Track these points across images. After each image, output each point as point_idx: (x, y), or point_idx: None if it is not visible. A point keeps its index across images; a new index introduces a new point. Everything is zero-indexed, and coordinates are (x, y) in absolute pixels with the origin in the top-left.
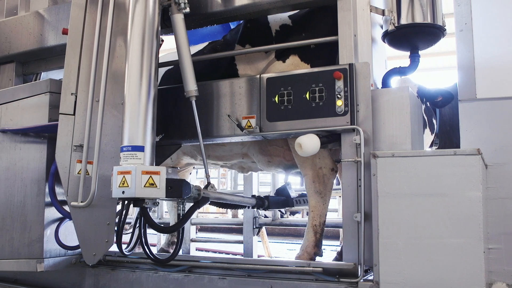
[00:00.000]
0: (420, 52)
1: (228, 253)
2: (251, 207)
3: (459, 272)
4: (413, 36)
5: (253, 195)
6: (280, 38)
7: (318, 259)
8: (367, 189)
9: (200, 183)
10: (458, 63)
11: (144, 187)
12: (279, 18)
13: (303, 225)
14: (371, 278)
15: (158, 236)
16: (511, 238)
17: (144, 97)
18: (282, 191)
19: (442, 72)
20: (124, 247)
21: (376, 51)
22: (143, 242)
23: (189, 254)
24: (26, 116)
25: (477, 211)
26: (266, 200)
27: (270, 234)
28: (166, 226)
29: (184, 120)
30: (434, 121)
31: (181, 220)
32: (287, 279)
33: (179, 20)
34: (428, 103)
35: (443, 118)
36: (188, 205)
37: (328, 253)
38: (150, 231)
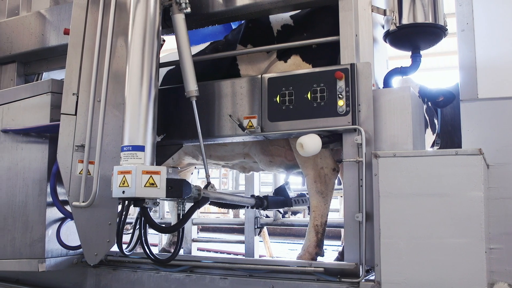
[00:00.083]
0: (422, 52)
1: (229, 253)
2: (250, 207)
3: (460, 272)
4: (414, 36)
5: (252, 195)
6: (282, 38)
7: (319, 259)
8: (368, 189)
9: (201, 183)
10: (459, 63)
11: (145, 187)
12: (280, 18)
13: (304, 225)
14: (373, 278)
15: (159, 236)
16: None
17: (144, 97)
18: (281, 191)
19: (444, 72)
20: (125, 247)
21: (378, 51)
22: (143, 242)
23: (190, 254)
24: (27, 116)
25: (478, 211)
26: (265, 200)
27: (271, 234)
28: (167, 226)
29: (185, 120)
30: (436, 121)
31: (181, 220)
32: (288, 279)
33: (180, 20)
34: (429, 103)
35: (445, 118)
36: (188, 205)
37: (329, 253)
38: (152, 231)
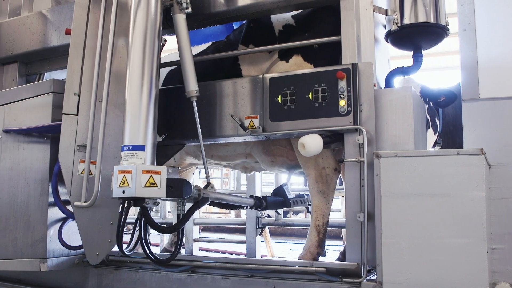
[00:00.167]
0: (423, 52)
1: (231, 253)
2: (249, 208)
3: (462, 272)
4: (416, 36)
5: (251, 196)
6: (283, 38)
7: (321, 259)
8: (370, 189)
9: (202, 183)
10: (461, 63)
11: (145, 186)
12: (282, 18)
13: (306, 225)
14: (374, 278)
15: (161, 236)
16: None
17: (145, 96)
18: (279, 192)
19: (445, 72)
20: (126, 247)
21: (379, 51)
22: (143, 242)
23: (192, 254)
24: (29, 116)
25: (480, 211)
26: (264, 201)
27: (273, 234)
28: (167, 226)
29: (186, 120)
30: (437, 121)
31: (181, 220)
32: (290, 279)
33: (181, 20)
34: (431, 103)
35: (446, 118)
36: (189, 205)
37: (331, 253)
38: (153, 231)
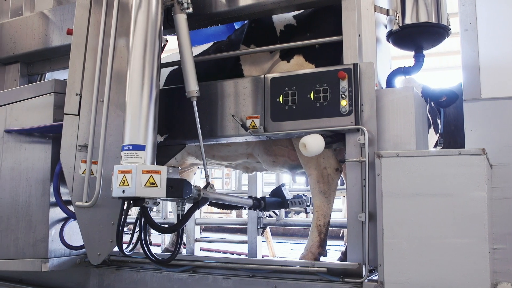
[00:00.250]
0: (425, 51)
1: (232, 253)
2: (248, 208)
3: (464, 272)
4: (417, 36)
5: (250, 196)
6: (285, 38)
7: (322, 259)
8: (371, 189)
9: (203, 183)
10: (462, 63)
11: (145, 186)
12: (283, 18)
13: (307, 225)
14: (376, 278)
15: (162, 236)
16: None
17: (145, 96)
18: (277, 192)
19: (447, 72)
20: (126, 247)
21: (381, 51)
22: (143, 242)
23: (193, 254)
24: (31, 116)
25: (482, 211)
26: (262, 201)
27: (274, 234)
28: (167, 226)
29: (188, 120)
30: (439, 121)
31: (181, 220)
32: (291, 279)
33: (182, 20)
34: (432, 103)
35: (448, 118)
36: (189, 205)
37: (332, 253)
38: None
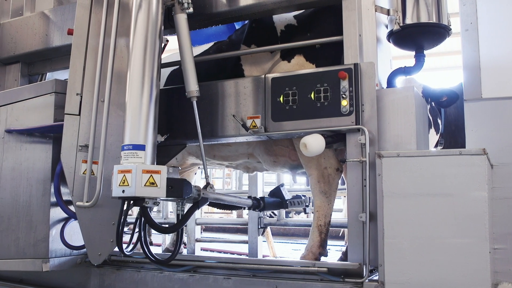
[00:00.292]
0: (425, 51)
1: (233, 253)
2: (247, 208)
3: (464, 272)
4: (418, 36)
5: (249, 197)
6: (285, 38)
7: (323, 259)
8: (372, 189)
9: (204, 183)
10: (463, 63)
11: (145, 186)
12: (284, 18)
13: (308, 225)
14: (376, 278)
15: (163, 236)
16: None
17: (146, 96)
18: (276, 192)
19: (447, 71)
20: (126, 247)
21: (381, 50)
22: (143, 242)
23: (194, 254)
24: (31, 116)
25: (482, 211)
26: (261, 202)
27: (275, 234)
28: (167, 226)
29: (188, 120)
30: (439, 121)
31: (180, 220)
32: (292, 279)
33: (182, 20)
34: (433, 103)
35: (448, 118)
36: (188, 205)
37: (333, 253)
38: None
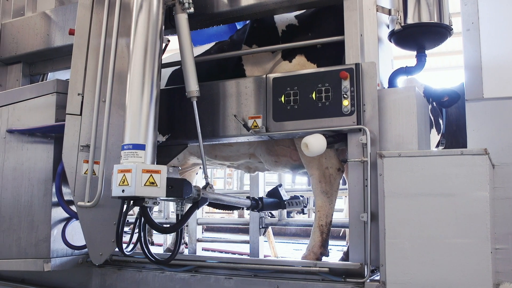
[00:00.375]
0: (427, 51)
1: (234, 253)
2: (246, 209)
3: (466, 272)
4: (419, 36)
5: (248, 197)
6: (287, 38)
7: (324, 259)
8: (373, 189)
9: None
10: (465, 63)
11: (144, 185)
12: (285, 18)
13: (309, 225)
14: (378, 278)
15: (164, 236)
16: None
17: (146, 95)
18: (274, 193)
19: (449, 71)
20: (126, 247)
21: (383, 50)
22: (143, 242)
23: (195, 254)
24: (33, 116)
25: (484, 211)
26: (260, 202)
27: (276, 234)
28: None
29: (189, 120)
30: (441, 121)
31: (180, 220)
32: (293, 279)
33: (183, 20)
34: (434, 103)
35: (450, 118)
36: (188, 205)
37: (334, 253)
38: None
